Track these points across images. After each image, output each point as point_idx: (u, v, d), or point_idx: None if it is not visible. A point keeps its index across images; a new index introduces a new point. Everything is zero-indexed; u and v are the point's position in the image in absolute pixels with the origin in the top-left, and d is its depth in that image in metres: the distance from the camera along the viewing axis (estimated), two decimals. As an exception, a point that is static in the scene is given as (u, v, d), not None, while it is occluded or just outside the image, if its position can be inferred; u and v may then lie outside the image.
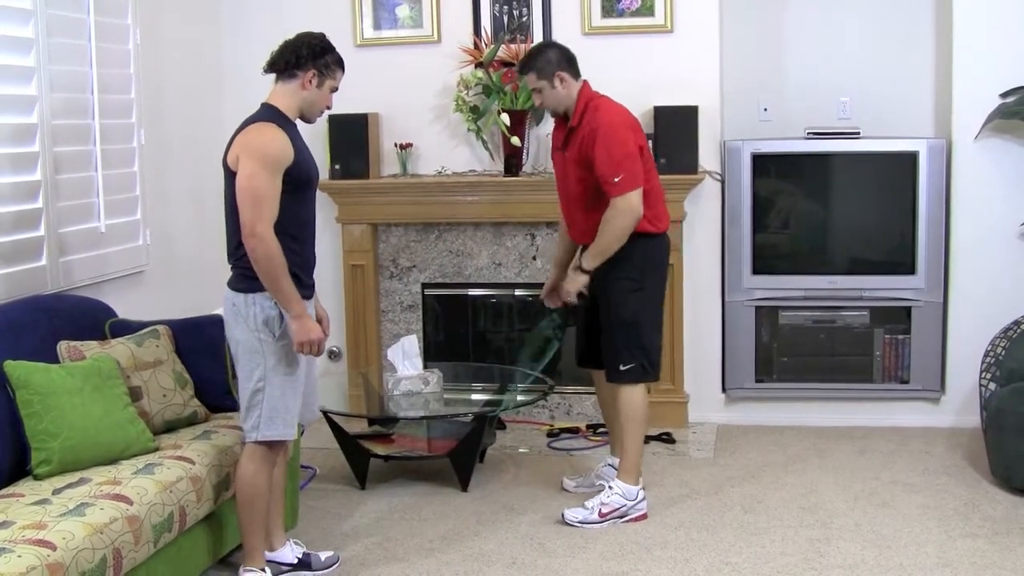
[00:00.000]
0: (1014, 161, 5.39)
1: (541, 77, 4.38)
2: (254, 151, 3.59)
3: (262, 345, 3.68)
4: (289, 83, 3.75)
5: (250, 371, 3.70)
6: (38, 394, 3.55)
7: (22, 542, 2.97)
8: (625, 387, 4.48)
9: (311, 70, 3.75)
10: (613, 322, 4.46)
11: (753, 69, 5.89)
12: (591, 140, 4.30)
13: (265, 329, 3.67)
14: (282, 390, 3.71)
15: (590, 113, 4.36)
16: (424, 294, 5.93)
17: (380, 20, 5.84)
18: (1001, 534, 4.23)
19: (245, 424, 3.73)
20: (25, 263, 4.23)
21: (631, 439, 4.50)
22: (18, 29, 4.22)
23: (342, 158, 5.72)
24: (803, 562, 4.02)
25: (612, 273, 4.42)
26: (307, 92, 3.76)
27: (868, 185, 5.67)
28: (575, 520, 4.38)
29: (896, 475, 4.93)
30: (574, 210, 4.52)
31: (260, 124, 3.67)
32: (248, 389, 3.71)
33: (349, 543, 4.31)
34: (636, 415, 4.49)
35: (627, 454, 4.51)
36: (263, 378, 3.69)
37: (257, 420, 3.70)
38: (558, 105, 4.43)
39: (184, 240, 5.56)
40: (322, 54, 3.78)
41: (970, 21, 5.37)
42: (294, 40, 3.80)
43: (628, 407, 4.48)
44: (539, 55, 4.43)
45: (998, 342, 5.01)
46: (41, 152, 4.30)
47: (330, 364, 6.09)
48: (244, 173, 3.57)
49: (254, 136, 3.64)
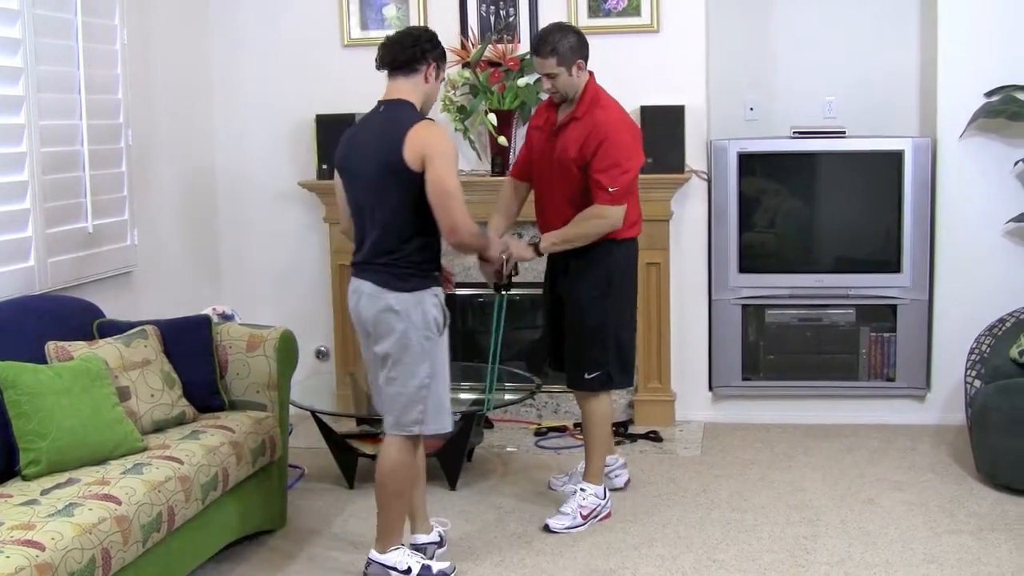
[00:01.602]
0: (999, 160, 5.42)
1: (562, 63, 4.22)
2: (441, 152, 3.64)
3: (429, 343, 3.73)
4: (412, 77, 3.77)
5: (414, 368, 3.73)
6: (26, 394, 3.54)
7: (11, 543, 2.97)
8: (590, 395, 4.44)
9: (432, 63, 3.79)
10: (579, 328, 4.40)
11: (739, 69, 5.92)
12: (596, 142, 4.20)
13: (433, 326, 3.73)
14: (445, 385, 3.82)
15: (598, 110, 4.27)
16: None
17: (367, 20, 5.84)
18: (986, 530, 4.26)
19: (402, 418, 3.77)
20: (13, 264, 4.23)
21: (598, 444, 4.48)
22: (5, 30, 4.21)
23: (329, 158, 5.69)
24: (790, 559, 4.04)
25: (582, 277, 4.35)
26: (428, 85, 3.80)
27: (854, 184, 5.70)
28: (562, 528, 4.35)
29: (882, 472, 4.96)
30: (548, 193, 4.42)
31: (427, 123, 3.71)
32: (412, 386, 3.74)
33: (337, 542, 4.31)
34: (602, 421, 4.48)
35: (593, 459, 4.49)
36: (430, 375, 3.75)
37: (421, 415, 3.76)
38: (568, 92, 4.30)
39: (172, 240, 5.56)
40: (438, 45, 3.82)
41: (955, 21, 5.40)
42: (409, 34, 3.82)
43: (596, 415, 4.46)
44: (562, 39, 4.23)
45: (983, 340, 5.04)
46: (28, 152, 4.30)
47: (318, 364, 6.10)
48: (438, 174, 3.61)
49: (438, 137, 3.68)
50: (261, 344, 4.35)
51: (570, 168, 4.29)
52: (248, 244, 6.10)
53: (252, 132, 6.01)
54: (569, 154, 4.28)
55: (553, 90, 4.32)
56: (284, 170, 6.00)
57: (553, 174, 4.38)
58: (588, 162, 4.22)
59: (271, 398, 4.35)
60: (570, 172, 4.30)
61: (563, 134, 4.32)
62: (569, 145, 4.28)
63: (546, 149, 4.41)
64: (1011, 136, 5.38)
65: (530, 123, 4.63)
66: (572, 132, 4.29)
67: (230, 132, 6.03)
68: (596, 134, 4.21)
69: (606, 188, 4.20)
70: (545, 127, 4.44)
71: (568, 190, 4.33)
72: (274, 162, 6.01)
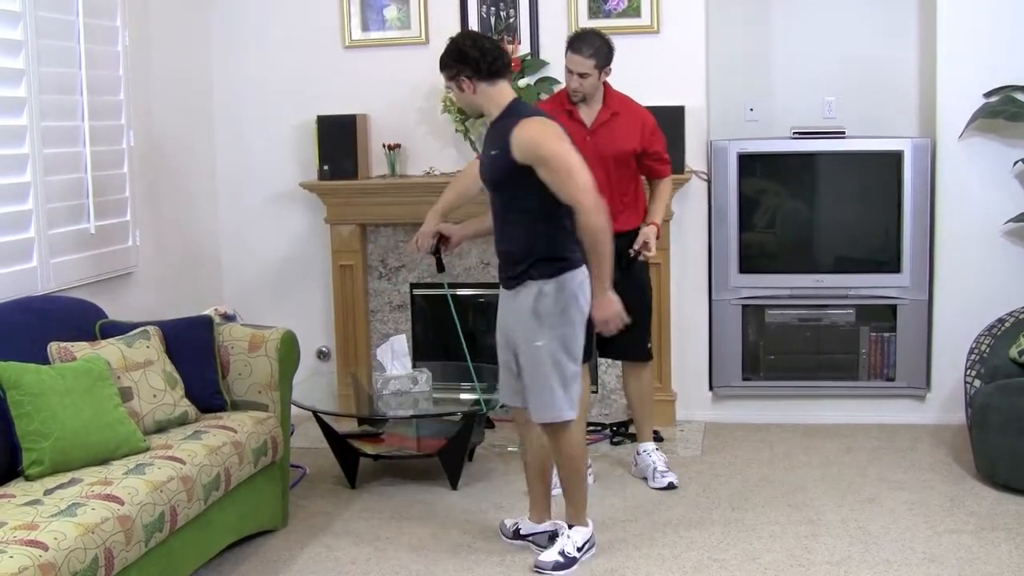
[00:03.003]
0: (998, 160, 5.43)
1: (596, 66, 4.54)
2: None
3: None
4: (503, 80, 3.95)
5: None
6: (29, 395, 3.56)
7: (14, 542, 2.98)
8: (644, 365, 4.96)
9: (461, 77, 3.95)
10: (640, 305, 4.70)
11: (739, 69, 5.93)
12: (650, 128, 4.71)
13: None
14: None
15: (630, 102, 4.72)
16: (413, 294, 5.96)
17: (368, 21, 5.86)
18: (986, 529, 4.27)
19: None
20: (15, 264, 4.25)
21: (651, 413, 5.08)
22: (7, 32, 4.23)
23: (331, 159, 5.74)
24: (790, 558, 4.05)
25: (636, 258, 4.72)
26: (464, 95, 3.99)
27: (853, 184, 5.71)
28: None
29: (882, 472, 4.97)
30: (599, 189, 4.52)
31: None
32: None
33: (339, 542, 4.32)
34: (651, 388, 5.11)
35: (646, 425, 5.03)
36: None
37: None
38: (591, 93, 4.60)
39: (174, 241, 5.57)
40: (466, 59, 3.94)
41: (954, 21, 5.41)
42: (493, 41, 4.00)
43: (650, 379, 5.03)
44: (602, 45, 4.56)
45: (982, 339, 5.05)
46: (31, 154, 4.32)
47: (319, 364, 6.11)
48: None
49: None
50: (263, 344, 4.36)
51: (627, 159, 4.69)
52: (250, 245, 6.11)
53: (253, 133, 6.02)
54: (626, 146, 4.67)
55: (580, 89, 4.59)
56: (285, 171, 6.01)
57: (600, 168, 4.46)
58: (647, 147, 4.71)
59: (273, 398, 4.36)
60: (626, 163, 4.70)
61: (605, 131, 4.64)
62: (622, 138, 4.65)
63: (584, 149, 4.39)
64: (1010, 136, 5.39)
65: None
66: (620, 126, 4.66)
67: (231, 133, 6.04)
68: (647, 122, 4.73)
69: (669, 162, 4.83)
70: (570, 130, 4.44)
71: (617, 180, 4.66)
72: (275, 163, 6.02)
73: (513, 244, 3.95)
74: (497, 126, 3.91)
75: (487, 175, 4.00)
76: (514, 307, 3.96)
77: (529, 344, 3.91)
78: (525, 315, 3.90)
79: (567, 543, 4.03)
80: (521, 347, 3.95)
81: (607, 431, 5.55)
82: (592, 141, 4.56)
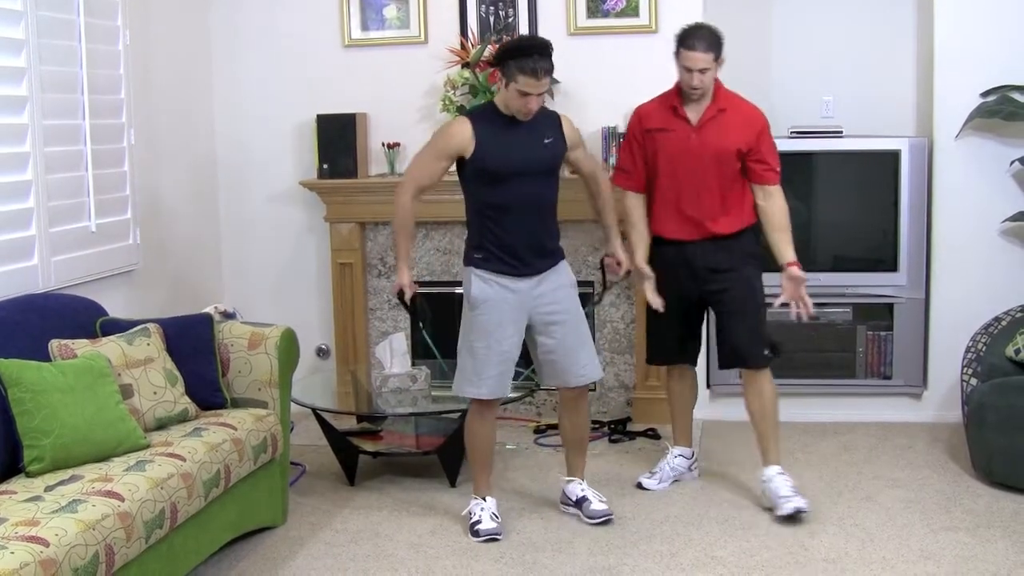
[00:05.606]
0: (994, 159, 5.44)
1: (717, 59, 4.37)
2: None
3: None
4: None
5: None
6: (30, 392, 3.57)
7: (15, 539, 3.00)
8: (763, 373, 4.57)
9: (498, 71, 4.12)
10: (751, 309, 4.56)
11: (737, 69, 5.88)
12: (758, 128, 4.45)
13: None
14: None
15: (739, 100, 4.50)
16: (412, 293, 5.96)
17: (368, 21, 5.87)
18: (982, 527, 4.28)
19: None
20: (16, 262, 4.27)
21: (777, 424, 4.63)
22: (8, 30, 4.24)
23: (330, 157, 5.76)
24: (787, 556, 4.07)
25: (746, 263, 4.55)
26: (502, 91, 4.14)
27: (851, 183, 5.73)
28: None
29: (879, 470, 4.99)
30: (698, 186, 4.46)
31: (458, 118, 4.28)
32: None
33: (338, 539, 4.34)
34: (776, 397, 4.61)
35: (774, 439, 4.61)
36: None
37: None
38: (710, 87, 4.41)
39: (174, 239, 5.59)
40: (502, 59, 4.08)
41: (951, 21, 5.42)
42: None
43: (771, 392, 4.58)
44: (717, 37, 4.37)
45: (979, 338, 5.06)
46: (32, 152, 4.34)
47: (319, 361, 6.13)
48: None
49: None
50: (262, 342, 4.38)
51: (730, 158, 4.44)
52: (250, 243, 6.13)
53: (253, 132, 6.04)
54: (731, 145, 4.42)
55: (701, 86, 4.38)
56: (285, 170, 6.03)
57: (705, 167, 4.44)
58: (752, 148, 4.43)
59: (272, 396, 4.38)
60: (730, 162, 4.45)
61: (711, 128, 4.43)
62: (727, 136, 4.42)
63: (689, 146, 4.46)
64: (1007, 136, 5.40)
65: (638, 128, 4.58)
66: (728, 123, 4.43)
67: (231, 132, 6.06)
68: (756, 122, 4.48)
69: (776, 169, 4.50)
70: (674, 127, 4.48)
71: (723, 179, 4.46)
72: (275, 162, 6.04)
73: (548, 229, 4.30)
74: (537, 116, 4.17)
75: (547, 163, 4.24)
76: (554, 283, 4.28)
77: (581, 312, 4.35)
78: (569, 286, 4.33)
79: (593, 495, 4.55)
80: (562, 318, 4.28)
81: (605, 429, 5.57)
82: (697, 138, 4.43)
